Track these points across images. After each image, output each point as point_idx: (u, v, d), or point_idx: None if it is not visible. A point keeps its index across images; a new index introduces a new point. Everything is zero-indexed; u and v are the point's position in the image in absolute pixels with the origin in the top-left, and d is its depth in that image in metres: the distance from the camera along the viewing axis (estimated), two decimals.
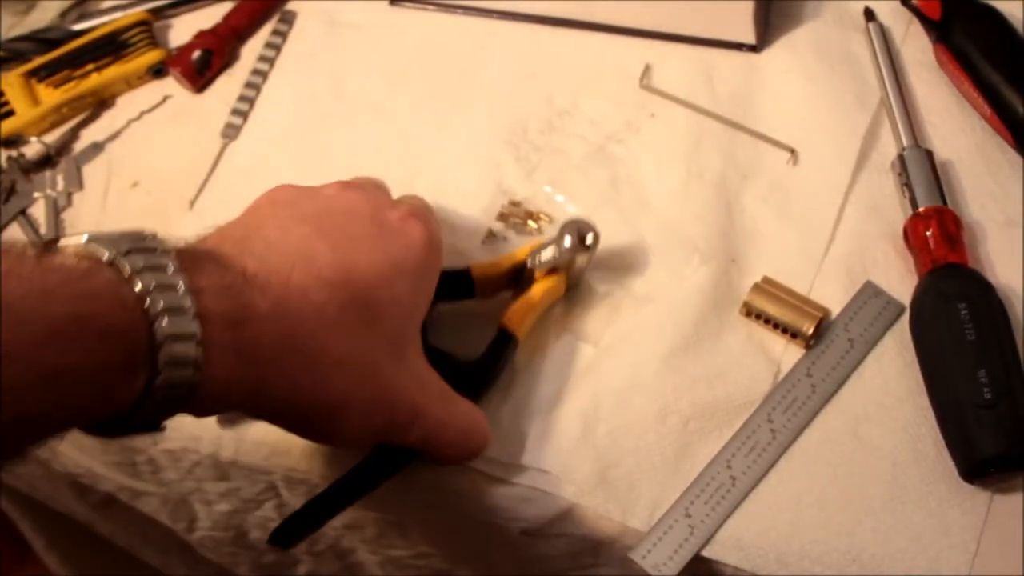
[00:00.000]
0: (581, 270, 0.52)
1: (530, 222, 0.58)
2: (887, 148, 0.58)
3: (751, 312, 0.53)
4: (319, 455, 0.53)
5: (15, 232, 0.64)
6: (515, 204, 0.58)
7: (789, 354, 0.52)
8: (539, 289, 0.51)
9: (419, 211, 0.46)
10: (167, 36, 0.70)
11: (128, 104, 0.68)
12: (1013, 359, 0.48)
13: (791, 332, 0.52)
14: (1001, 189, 0.56)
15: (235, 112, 0.66)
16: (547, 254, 0.51)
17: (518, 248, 0.53)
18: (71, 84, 0.67)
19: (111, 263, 0.35)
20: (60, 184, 0.65)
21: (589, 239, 0.50)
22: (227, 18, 0.69)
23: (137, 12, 0.69)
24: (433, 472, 0.50)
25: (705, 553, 0.48)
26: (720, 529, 0.48)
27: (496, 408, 0.52)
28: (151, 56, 0.67)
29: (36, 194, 0.65)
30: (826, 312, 0.52)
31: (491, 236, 0.58)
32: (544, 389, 0.53)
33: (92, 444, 0.60)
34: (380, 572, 0.65)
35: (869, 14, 0.62)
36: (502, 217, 0.58)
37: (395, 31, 0.67)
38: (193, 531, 0.65)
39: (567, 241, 0.50)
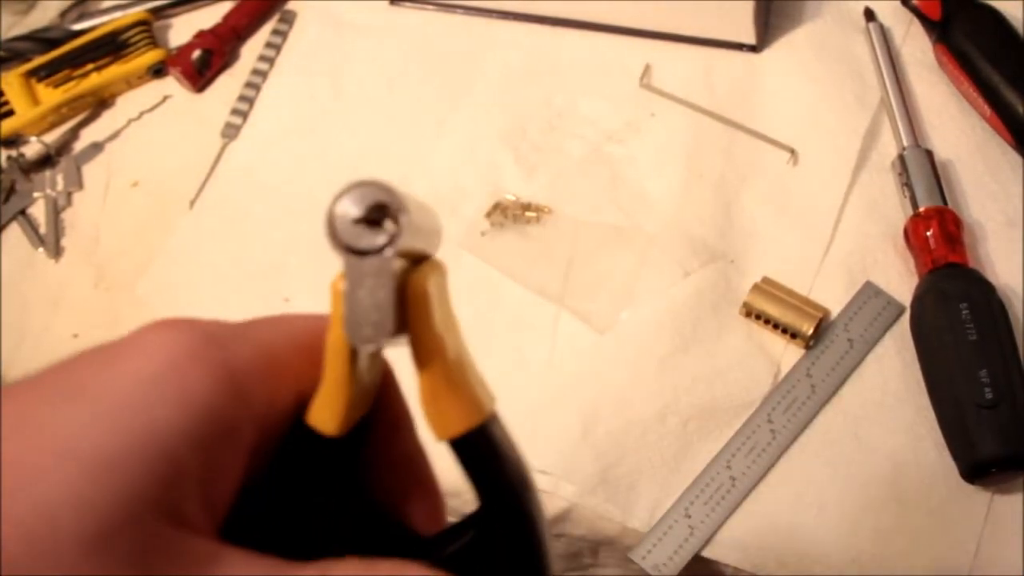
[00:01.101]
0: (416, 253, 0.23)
1: (528, 212, 0.57)
2: (887, 148, 0.58)
3: (751, 312, 0.53)
4: None
5: (15, 232, 0.64)
6: (508, 202, 0.58)
7: (789, 354, 0.52)
8: (428, 375, 0.24)
9: (179, 322, 0.23)
10: (167, 36, 0.70)
11: (128, 104, 0.68)
12: (1014, 359, 0.48)
13: (791, 332, 0.52)
14: (1001, 189, 0.56)
15: (235, 112, 0.66)
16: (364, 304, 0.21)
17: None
18: (71, 84, 0.67)
19: None
20: (60, 184, 0.65)
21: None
22: (227, 18, 0.69)
23: (137, 12, 0.69)
24: None
25: (705, 553, 0.48)
26: (720, 529, 0.48)
27: None
28: (151, 56, 0.67)
29: (36, 194, 0.65)
30: (826, 312, 0.52)
31: (484, 235, 0.58)
32: (543, 389, 0.53)
33: None
34: None
35: (869, 14, 0.62)
36: (500, 210, 0.58)
37: (395, 31, 0.67)
38: None
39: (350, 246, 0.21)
